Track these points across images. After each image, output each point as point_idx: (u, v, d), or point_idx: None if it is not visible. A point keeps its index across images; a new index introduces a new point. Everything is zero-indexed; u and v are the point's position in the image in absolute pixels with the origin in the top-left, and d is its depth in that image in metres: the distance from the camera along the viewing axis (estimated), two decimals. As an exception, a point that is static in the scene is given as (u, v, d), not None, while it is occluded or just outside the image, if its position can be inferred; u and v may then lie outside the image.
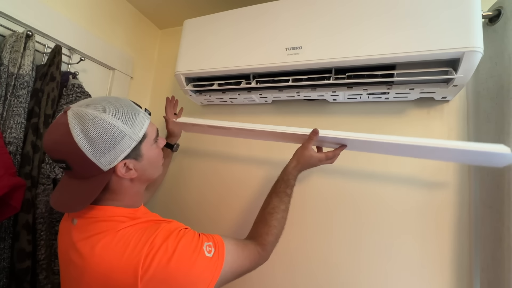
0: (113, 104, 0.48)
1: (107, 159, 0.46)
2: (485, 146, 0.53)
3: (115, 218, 0.49)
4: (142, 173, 0.52)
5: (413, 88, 0.71)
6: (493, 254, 0.63)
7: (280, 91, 0.87)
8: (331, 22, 0.73)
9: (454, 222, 0.73)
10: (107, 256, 0.43)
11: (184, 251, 0.44)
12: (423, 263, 0.74)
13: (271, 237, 0.58)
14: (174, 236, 0.46)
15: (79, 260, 0.46)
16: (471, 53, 0.60)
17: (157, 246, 0.43)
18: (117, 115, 0.46)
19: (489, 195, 0.66)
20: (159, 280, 0.42)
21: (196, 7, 1.11)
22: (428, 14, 0.64)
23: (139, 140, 0.49)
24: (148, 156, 0.52)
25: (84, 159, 0.44)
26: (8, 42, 0.71)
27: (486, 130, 0.69)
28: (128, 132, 0.47)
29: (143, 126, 0.50)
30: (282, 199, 0.63)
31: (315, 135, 0.64)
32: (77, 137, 0.43)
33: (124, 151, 0.47)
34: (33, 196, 0.72)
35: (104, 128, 0.44)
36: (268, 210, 0.62)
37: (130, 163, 0.49)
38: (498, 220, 0.61)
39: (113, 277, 0.42)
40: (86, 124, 0.44)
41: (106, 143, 0.45)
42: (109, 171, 0.47)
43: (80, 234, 0.48)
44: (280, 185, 0.64)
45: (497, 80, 0.67)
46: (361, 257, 0.80)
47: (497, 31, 0.68)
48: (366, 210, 0.82)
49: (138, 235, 0.45)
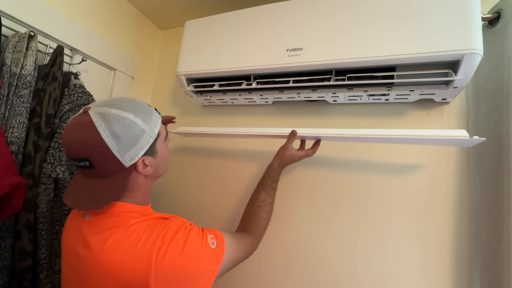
0: (131, 103, 0.51)
1: (129, 156, 0.48)
2: (445, 133, 0.60)
3: (127, 214, 0.50)
4: (156, 170, 0.55)
5: (413, 89, 0.72)
6: (492, 255, 0.63)
7: (280, 92, 0.88)
8: (332, 23, 0.74)
9: (454, 224, 0.74)
10: (118, 250, 0.45)
11: (193, 244, 0.47)
12: (423, 264, 0.74)
13: (261, 228, 0.65)
14: (183, 231, 0.48)
15: (88, 255, 0.47)
16: (471, 55, 0.60)
17: (169, 239, 0.45)
18: (137, 113, 0.49)
19: (489, 196, 0.66)
20: (171, 272, 0.44)
21: (197, 9, 1.12)
22: (428, 16, 0.64)
23: (156, 137, 0.52)
24: (161, 153, 0.56)
25: (109, 155, 0.46)
26: (10, 42, 0.72)
27: (486, 131, 0.69)
28: (147, 130, 0.50)
29: (157, 124, 0.54)
30: (269, 193, 0.69)
31: (293, 136, 0.74)
32: (104, 134, 0.45)
33: (144, 148, 0.50)
34: (34, 196, 0.72)
35: (128, 126, 0.47)
36: (257, 203, 0.68)
37: (147, 159, 0.52)
38: (498, 222, 0.62)
39: (125, 271, 0.43)
40: (111, 122, 0.46)
41: (130, 140, 0.47)
42: (130, 167, 0.49)
43: (92, 229, 0.49)
44: (267, 181, 0.71)
45: (496, 82, 0.67)
46: (360, 258, 0.80)
47: (497, 33, 0.68)
48: (365, 211, 0.82)
49: (149, 230, 0.47)
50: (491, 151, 0.67)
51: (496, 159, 0.64)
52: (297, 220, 0.89)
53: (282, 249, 0.89)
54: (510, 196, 0.58)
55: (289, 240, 0.89)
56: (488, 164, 0.67)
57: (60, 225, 0.79)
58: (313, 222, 0.87)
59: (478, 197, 0.70)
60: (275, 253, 0.90)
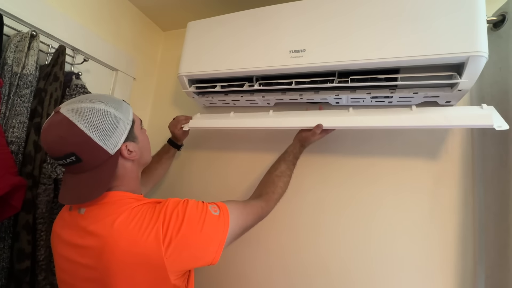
0: (98, 96, 0.53)
1: (112, 142, 0.50)
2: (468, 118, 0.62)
3: (125, 200, 0.52)
4: (141, 155, 0.57)
5: (417, 92, 0.71)
6: (497, 260, 0.62)
7: (283, 94, 0.87)
8: (335, 25, 0.73)
9: (459, 228, 0.73)
10: (126, 228, 0.46)
11: (193, 214, 0.49)
12: (427, 269, 0.73)
13: (276, 195, 0.68)
14: (181, 204, 0.51)
15: (94, 240, 0.47)
16: (475, 58, 0.59)
17: (169, 214, 0.48)
18: (108, 103, 0.51)
19: (494, 201, 0.65)
20: (178, 244, 0.46)
21: (199, 10, 1.12)
22: (433, 19, 0.64)
23: (131, 123, 0.55)
24: (141, 139, 0.58)
25: (93, 145, 0.48)
26: (12, 41, 0.71)
27: (490, 134, 0.68)
28: (121, 117, 0.52)
29: (129, 112, 0.56)
30: (289, 167, 0.74)
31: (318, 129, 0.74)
32: (82, 125, 0.47)
33: (123, 134, 0.52)
34: (34, 196, 0.72)
35: (102, 114, 0.49)
36: (276, 173, 0.72)
37: (130, 145, 0.54)
38: (503, 227, 0.61)
39: (137, 246, 0.45)
40: (85, 114, 0.48)
41: (108, 127, 0.49)
42: (116, 154, 0.51)
43: (90, 219, 0.50)
44: (289, 155, 0.76)
45: (501, 85, 0.66)
46: (363, 261, 0.79)
47: (502, 36, 0.68)
48: (368, 215, 0.81)
49: (151, 210, 0.49)
50: (495, 154, 0.66)
51: (501, 163, 0.63)
52: (295, 222, 0.88)
53: (280, 251, 0.89)
54: (516, 201, 0.57)
55: (287, 242, 0.88)
56: (493, 168, 0.67)
57: (58, 225, 0.79)
58: (313, 225, 0.87)
59: (483, 201, 0.69)
60: (273, 256, 0.89)
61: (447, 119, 0.64)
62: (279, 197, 0.69)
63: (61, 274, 0.54)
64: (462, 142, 0.76)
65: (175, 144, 0.95)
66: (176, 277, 0.47)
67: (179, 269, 0.47)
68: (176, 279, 0.48)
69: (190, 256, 0.48)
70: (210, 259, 0.49)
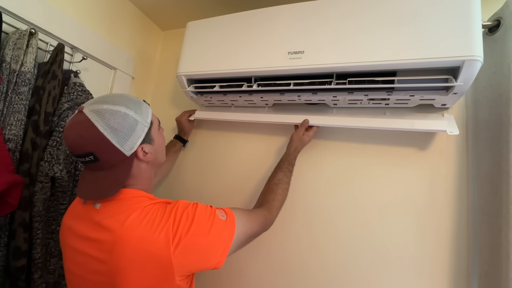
0: (120, 98, 0.54)
1: (129, 145, 0.52)
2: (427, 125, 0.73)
3: (138, 198, 0.54)
4: (155, 156, 0.59)
5: (413, 94, 0.72)
6: (491, 261, 0.63)
7: (281, 95, 0.88)
8: (334, 28, 0.74)
9: (453, 229, 0.74)
10: (138, 226, 0.48)
11: (202, 217, 0.51)
12: (422, 269, 0.74)
13: (277, 202, 0.70)
14: (191, 206, 0.53)
15: (107, 234, 0.49)
16: (471, 62, 0.60)
17: (179, 215, 0.50)
18: (128, 106, 0.53)
19: (487, 202, 0.66)
20: (186, 244, 0.47)
21: (199, 10, 1.12)
22: (429, 23, 0.65)
23: (149, 126, 0.56)
24: (157, 141, 0.60)
25: (110, 147, 0.50)
26: (11, 39, 0.71)
27: (484, 137, 0.70)
28: (140, 119, 0.54)
29: (148, 114, 0.57)
30: (286, 174, 0.77)
31: (305, 124, 0.84)
32: (101, 128, 0.49)
33: (140, 136, 0.54)
34: (31, 194, 0.72)
35: (122, 117, 0.51)
36: (274, 181, 0.74)
37: (146, 147, 0.56)
38: (496, 227, 0.62)
39: (146, 243, 0.46)
40: (106, 116, 0.50)
41: (126, 130, 0.51)
42: (131, 156, 0.53)
43: (105, 214, 0.52)
44: (284, 163, 0.79)
45: (496, 89, 0.67)
46: (358, 262, 0.80)
47: (497, 41, 0.69)
48: (364, 215, 0.82)
49: (162, 209, 0.51)
50: (489, 156, 0.67)
51: (495, 165, 0.65)
52: (295, 223, 0.89)
53: (280, 251, 0.89)
54: (509, 203, 0.58)
55: (287, 242, 0.89)
56: (487, 170, 0.68)
57: (56, 224, 0.79)
58: (311, 225, 0.87)
59: (477, 203, 0.71)
60: (273, 255, 0.90)
61: (412, 124, 0.74)
62: (280, 204, 0.71)
63: (70, 265, 0.55)
64: (457, 144, 0.78)
65: (181, 138, 1.04)
66: (181, 278, 0.49)
67: (184, 270, 0.48)
68: (181, 280, 0.49)
69: (196, 257, 0.49)
70: (215, 263, 0.50)
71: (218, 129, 1.11)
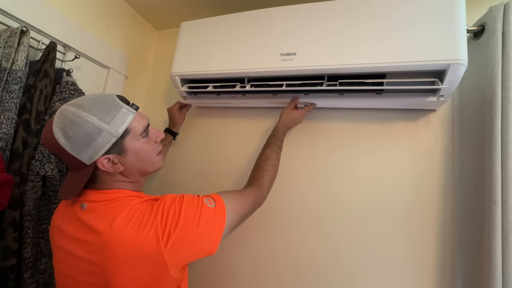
0: (93, 101, 0.50)
1: (87, 154, 0.49)
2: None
3: (126, 198, 0.53)
4: (131, 167, 0.55)
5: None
6: (474, 257, 0.65)
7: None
8: (325, 30, 0.75)
9: (438, 227, 0.76)
10: (127, 226, 0.47)
11: (189, 209, 0.51)
12: (407, 266, 0.76)
13: (266, 178, 0.70)
14: (178, 200, 0.52)
15: (95, 237, 0.48)
16: (456, 65, 0.63)
17: (166, 211, 0.49)
18: (94, 112, 0.49)
19: (471, 200, 0.69)
20: (177, 239, 0.47)
21: (193, 10, 1.13)
22: (417, 27, 0.67)
23: (119, 135, 0.51)
24: (135, 151, 0.54)
25: (66, 154, 0.49)
26: (2, 37, 0.71)
27: (469, 138, 0.72)
28: (106, 128, 0.49)
29: (124, 121, 0.51)
30: (274, 150, 0.77)
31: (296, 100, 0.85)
32: (57, 135, 0.48)
33: (104, 147, 0.50)
34: (21, 193, 0.71)
35: (79, 125, 0.48)
36: (263, 158, 0.75)
37: (115, 158, 0.52)
38: (479, 225, 0.64)
39: (137, 242, 0.46)
40: (65, 122, 0.48)
41: (83, 139, 0.48)
42: (92, 164, 0.51)
43: (93, 215, 0.51)
44: (272, 139, 0.79)
45: (480, 92, 0.70)
46: (344, 260, 0.82)
47: (481, 45, 0.71)
48: (350, 214, 0.84)
49: (149, 207, 0.50)
50: (473, 157, 0.69)
51: (478, 165, 0.67)
52: (285, 221, 0.90)
53: (267, 250, 0.90)
54: (491, 202, 0.61)
55: (274, 242, 0.90)
56: (471, 169, 0.70)
57: (47, 223, 0.78)
58: (300, 224, 0.89)
59: (462, 201, 0.73)
60: (259, 252, 0.91)
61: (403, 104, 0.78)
62: (269, 180, 0.71)
63: (60, 266, 0.54)
64: (444, 145, 0.80)
65: (171, 131, 1.02)
66: (176, 270, 0.49)
67: (179, 263, 0.49)
68: (176, 272, 0.49)
69: (189, 250, 0.49)
70: (208, 250, 0.51)
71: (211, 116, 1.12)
